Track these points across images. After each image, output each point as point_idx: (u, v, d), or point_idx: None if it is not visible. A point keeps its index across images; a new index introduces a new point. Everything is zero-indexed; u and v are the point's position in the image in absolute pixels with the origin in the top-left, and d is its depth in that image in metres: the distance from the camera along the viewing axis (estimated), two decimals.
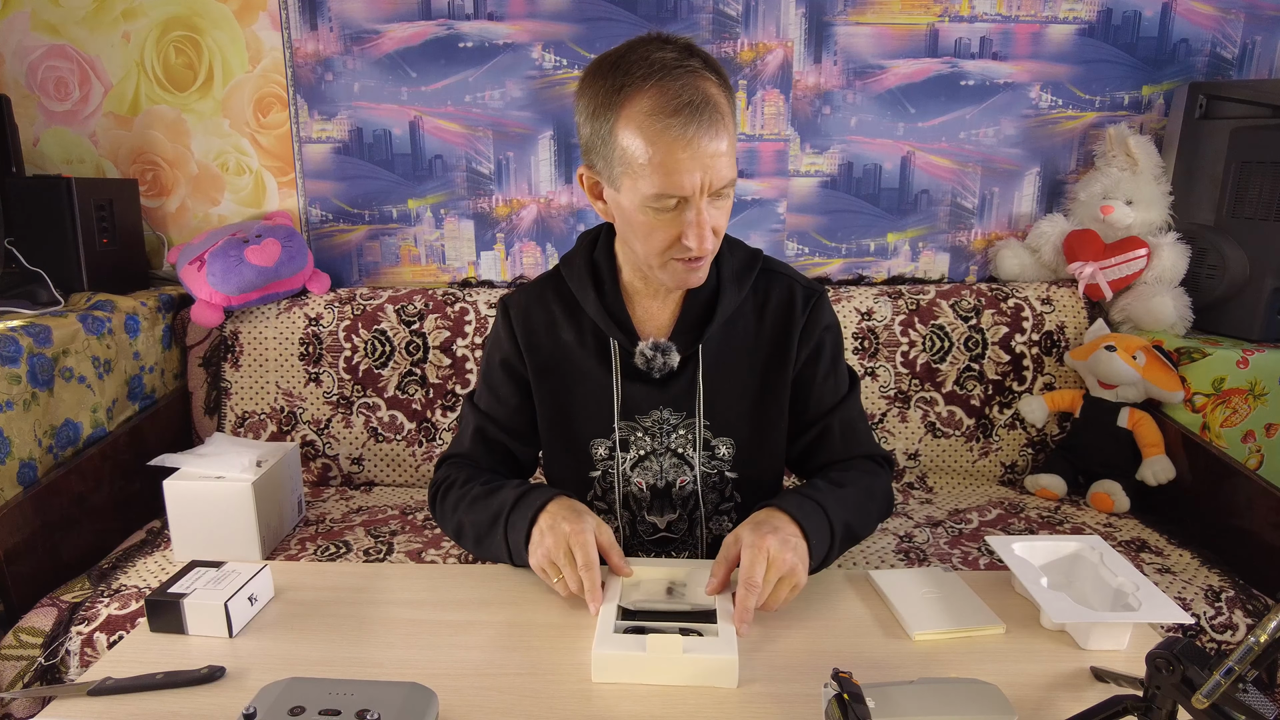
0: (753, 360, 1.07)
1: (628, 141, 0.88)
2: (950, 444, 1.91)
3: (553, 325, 1.08)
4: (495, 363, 1.12)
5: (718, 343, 1.06)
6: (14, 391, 1.46)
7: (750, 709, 0.75)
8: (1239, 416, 1.72)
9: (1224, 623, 1.36)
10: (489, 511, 1.01)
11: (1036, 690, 0.77)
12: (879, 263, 2.13)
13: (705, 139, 0.86)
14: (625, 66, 0.88)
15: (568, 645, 0.85)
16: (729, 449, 1.09)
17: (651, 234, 0.93)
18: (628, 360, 1.05)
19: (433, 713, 0.70)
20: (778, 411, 1.09)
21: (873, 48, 2.00)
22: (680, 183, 0.87)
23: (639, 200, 0.90)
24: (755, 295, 1.08)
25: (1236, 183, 1.82)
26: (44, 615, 1.36)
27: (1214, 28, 1.98)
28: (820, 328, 1.08)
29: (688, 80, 0.86)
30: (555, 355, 1.08)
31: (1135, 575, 0.89)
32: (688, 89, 0.86)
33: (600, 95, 0.90)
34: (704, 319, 1.05)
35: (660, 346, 1.03)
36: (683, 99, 0.85)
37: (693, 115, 0.85)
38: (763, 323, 1.07)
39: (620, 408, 1.07)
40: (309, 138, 2.06)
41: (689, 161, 0.86)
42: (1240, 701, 0.58)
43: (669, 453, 1.09)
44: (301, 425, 1.92)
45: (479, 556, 1.07)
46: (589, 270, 1.06)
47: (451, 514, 1.06)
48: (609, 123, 0.89)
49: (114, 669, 0.80)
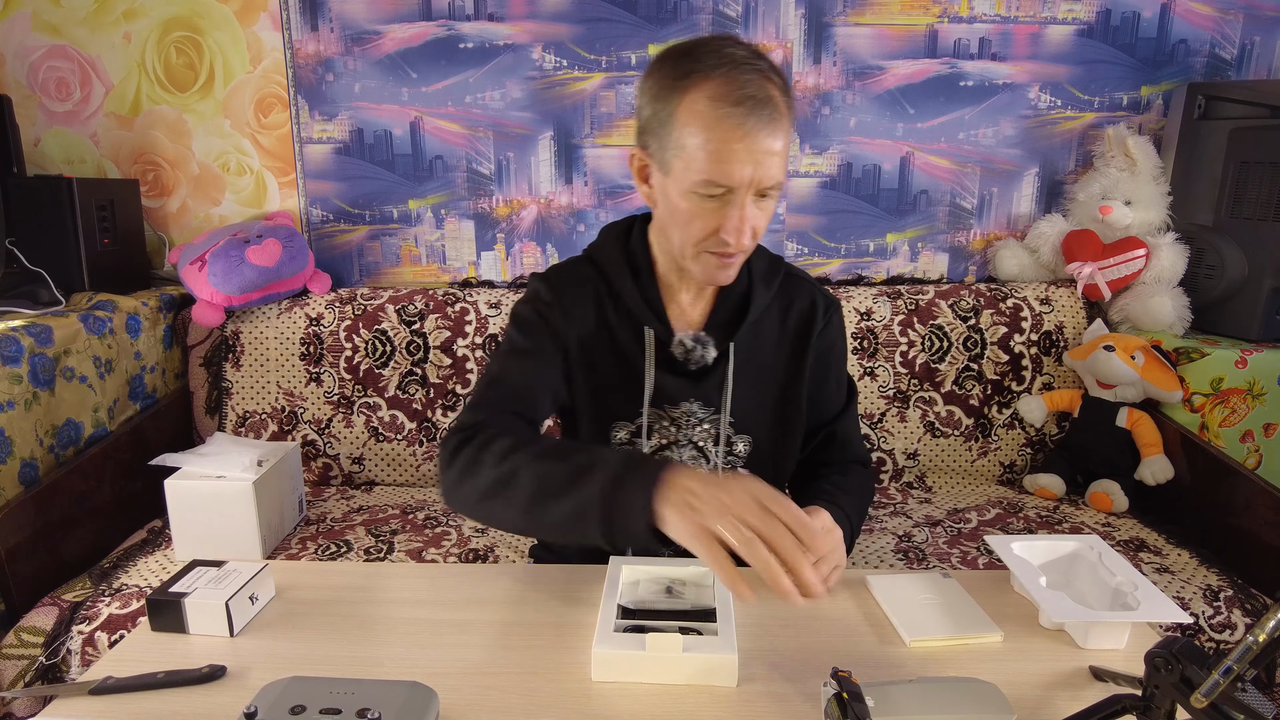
0: (775, 362, 1.10)
1: (687, 124, 0.89)
2: (949, 444, 1.92)
3: (589, 304, 1.07)
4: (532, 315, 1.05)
5: (746, 342, 1.07)
6: (15, 391, 1.46)
7: (750, 708, 0.75)
8: (1237, 416, 1.73)
9: (1222, 622, 1.37)
10: (571, 464, 0.85)
11: (1035, 689, 0.78)
12: (878, 263, 2.13)
13: (762, 134, 0.88)
14: (697, 55, 0.90)
15: (568, 644, 0.85)
16: (745, 446, 1.10)
17: (692, 222, 0.94)
18: (661, 350, 1.06)
19: (433, 712, 0.70)
20: (796, 416, 1.11)
21: (872, 48, 2.01)
22: (730, 172, 0.88)
23: (687, 185, 0.91)
24: (780, 298, 1.10)
25: (1235, 183, 1.83)
26: (45, 614, 1.36)
27: (1213, 28, 1.98)
28: (836, 338, 1.12)
29: (754, 77, 0.88)
30: (592, 332, 1.07)
31: (1134, 575, 0.90)
32: (753, 84, 0.88)
33: (668, 78, 0.91)
34: (735, 317, 1.07)
35: (699, 339, 1.04)
36: (746, 92, 0.87)
37: (753, 109, 0.87)
38: (785, 326, 1.10)
39: (651, 396, 1.07)
40: (310, 138, 2.07)
41: (742, 153, 0.88)
42: (1239, 701, 0.58)
43: (690, 445, 1.09)
44: (302, 425, 1.92)
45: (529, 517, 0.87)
46: (625, 259, 1.07)
47: (499, 462, 0.89)
48: (672, 105, 0.90)
49: (115, 668, 0.80)
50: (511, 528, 0.93)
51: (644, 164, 0.98)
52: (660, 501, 0.76)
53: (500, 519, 0.92)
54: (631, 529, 0.78)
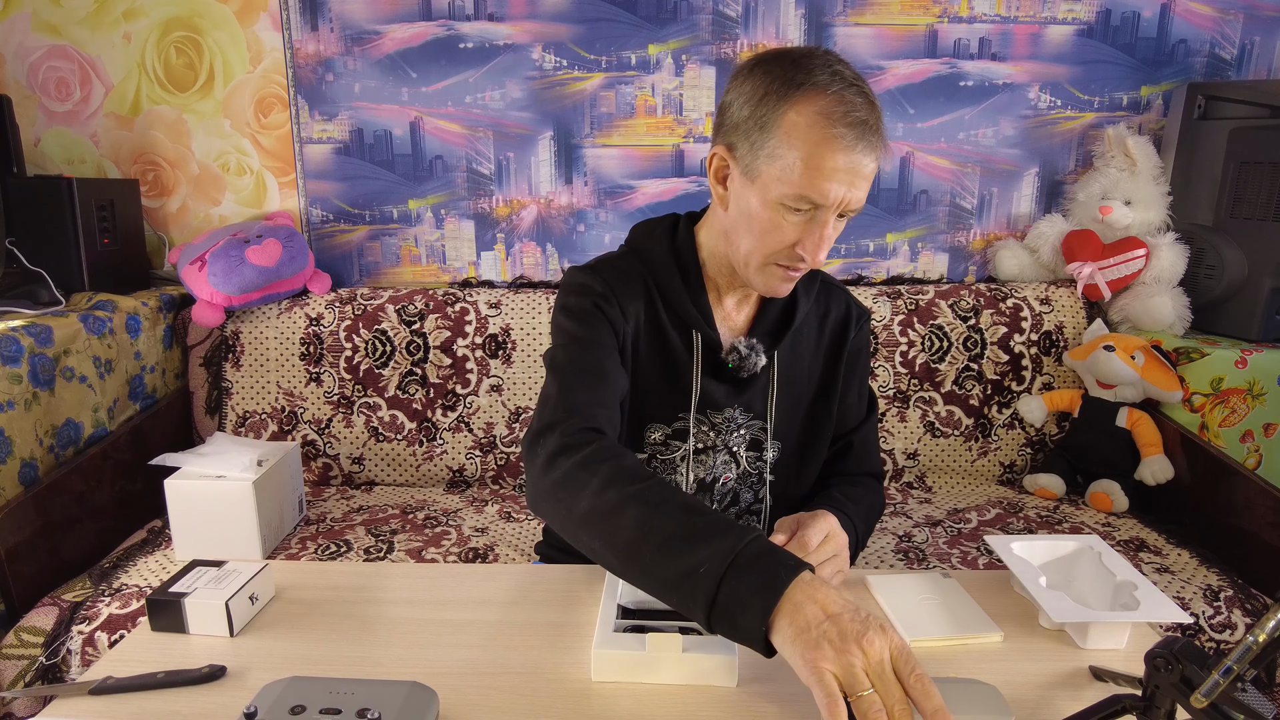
0: (810, 369, 1.10)
1: (790, 135, 0.88)
2: (949, 444, 1.92)
3: (639, 298, 1.04)
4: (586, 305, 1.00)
5: (788, 349, 1.07)
6: (15, 391, 1.46)
7: (750, 708, 0.75)
8: (1237, 416, 1.73)
9: (1222, 622, 1.37)
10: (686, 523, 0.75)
11: (1035, 689, 0.78)
12: (878, 263, 2.13)
13: (863, 158, 0.88)
14: (809, 66, 0.89)
15: (568, 645, 0.85)
16: (775, 452, 1.10)
17: (769, 234, 0.92)
18: (709, 355, 1.05)
19: (433, 712, 0.70)
20: (827, 423, 1.11)
21: (872, 48, 2.01)
22: (825, 190, 0.88)
23: (775, 195, 0.90)
24: (818, 306, 1.10)
25: (1235, 183, 1.83)
26: (45, 614, 1.36)
27: (1212, 28, 1.98)
28: (864, 347, 1.13)
29: (864, 102, 0.88)
30: (641, 329, 1.04)
31: (1134, 574, 0.90)
32: (863, 108, 0.87)
33: (777, 83, 0.89)
34: (779, 324, 1.06)
35: (753, 346, 1.03)
36: (859, 115, 0.87)
37: (862, 133, 0.87)
38: (823, 334, 1.10)
39: (697, 400, 1.06)
40: (310, 138, 2.07)
41: (842, 173, 0.87)
42: (1239, 701, 0.58)
43: (725, 449, 1.09)
44: (302, 425, 1.92)
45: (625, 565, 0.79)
46: (675, 260, 1.04)
47: (602, 489, 0.80)
48: (778, 111, 0.88)
49: (115, 668, 0.80)
50: (602, 564, 0.83)
51: (724, 164, 0.96)
52: (780, 614, 0.68)
53: (590, 551, 0.82)
54: (741, 626, 0.70)
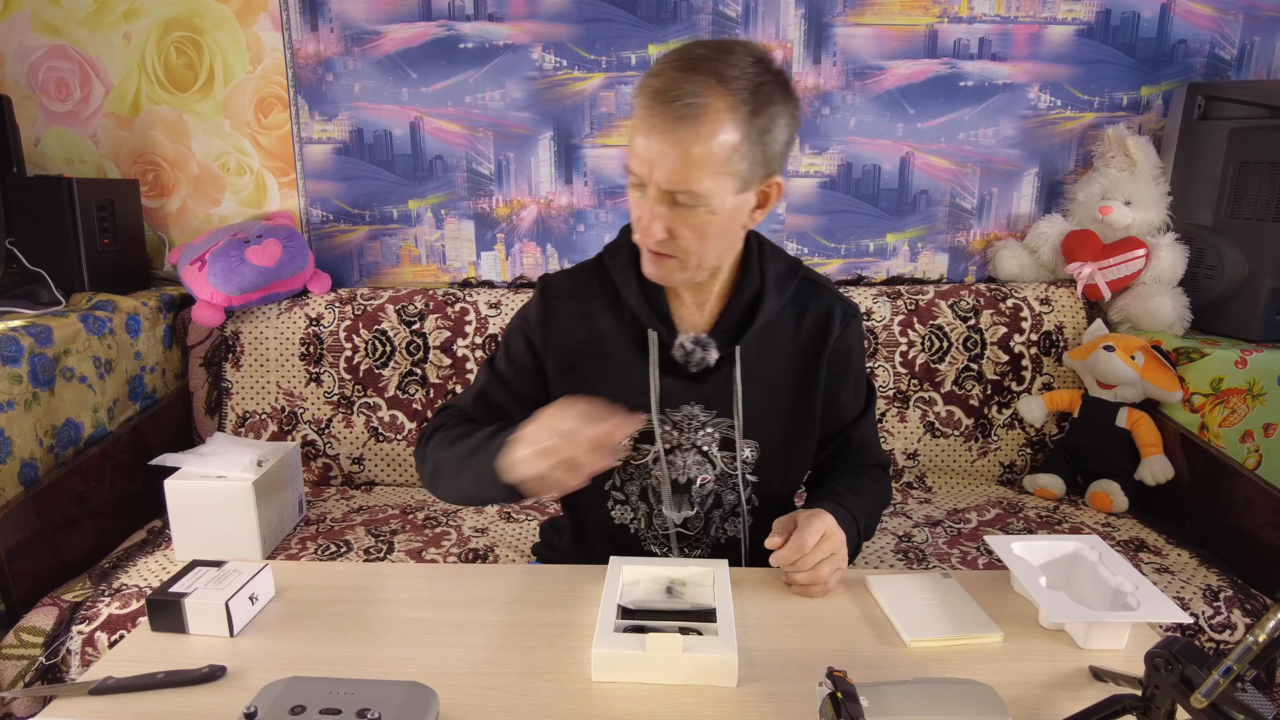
0: (786, 368, 1.09)
1: None
2: (949, 444, 1.92)
3: (590, 311, 1.08)
4: (518, 333, 1.11)
5: (755, 346, 1.07)
6: (15, 391, 1.46)
7: (749, 708, 0.75)
8: (1237, 416, 1.73)
9: (1222, 622, 1.37)
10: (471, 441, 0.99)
11: (1035, 689, 0.78)
12: (878, 263, 2.13)
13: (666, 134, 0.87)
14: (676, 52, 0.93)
15: (568, 645, 0.85)
16: (753, 452, 1.09)
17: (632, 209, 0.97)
18: (664, 353, 1.06)
19: (433, 712, 0.70)
20: (809, 423, 1.10)
21: (872, 48, 2.01)
22: (631, 162, 0.92)
23: None
24: (794, 304, 1.09)
25: (1235, 183, 1.83)
26: (45, 615, 1.36)
27: (1212, 28, 1.98)
28: (853, 344, 1.12)
29: (685, 77, 0.87)
30: (589, 341, 1.07)
31: (1134, 575, 0.90)
32: (679, 83, 0.87)
33: None
34: (743, 321, 1.06)
35: (700, 341, 1.04)
36: (671, 92, 0.87)
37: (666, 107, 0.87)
38: (799, 332, 1.09)
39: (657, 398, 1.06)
40: (310, 138, 2.07)
41: (642, 148, 0.90)
42: (1239, 701, 0.58)
43: (694, 449, 1.09)
44: (302, 425, 1.92)
45: (450, 492, 1.05)
46: (633, 260, 1.06)
47: (432, 454, 1.05)
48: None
49: (115, 668, 0.80)
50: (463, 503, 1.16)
51: None
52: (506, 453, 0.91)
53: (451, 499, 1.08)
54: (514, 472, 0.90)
